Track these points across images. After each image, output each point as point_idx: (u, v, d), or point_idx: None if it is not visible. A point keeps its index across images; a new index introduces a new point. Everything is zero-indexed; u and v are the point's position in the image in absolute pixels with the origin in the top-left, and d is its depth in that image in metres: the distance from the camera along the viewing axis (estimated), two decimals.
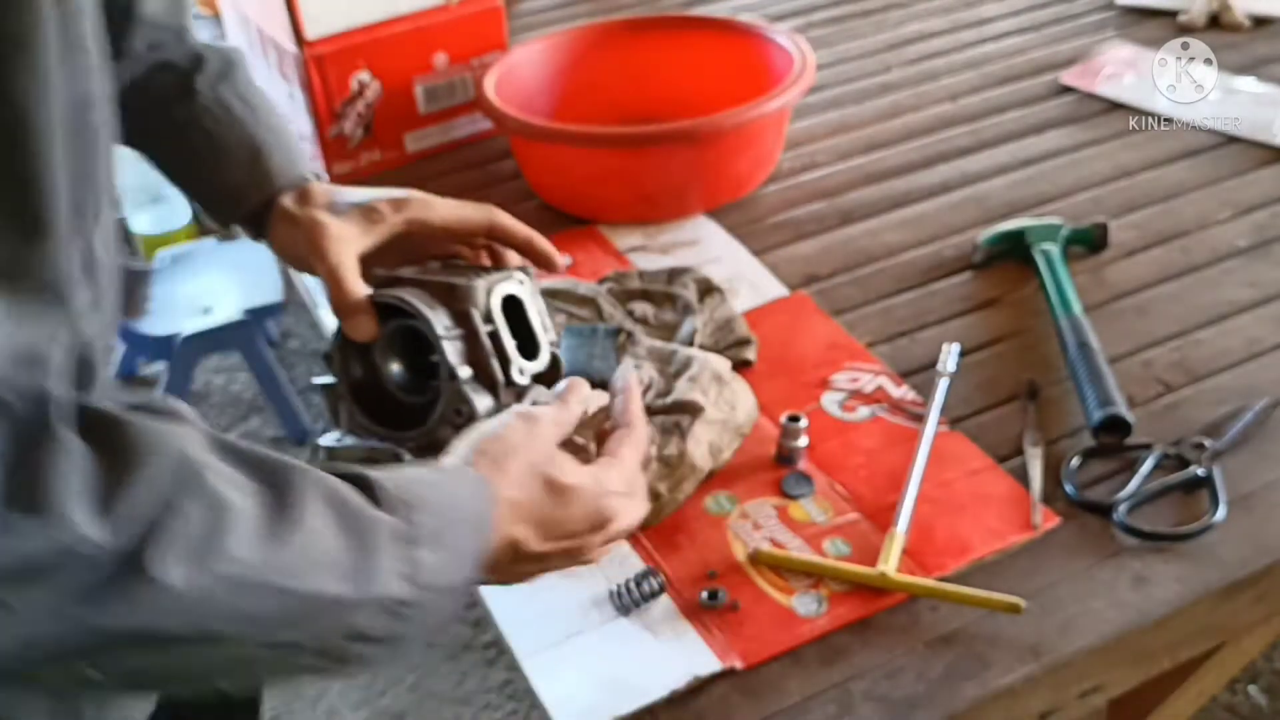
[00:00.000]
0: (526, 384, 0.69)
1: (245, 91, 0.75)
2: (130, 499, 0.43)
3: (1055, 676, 0.72)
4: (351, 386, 0.71)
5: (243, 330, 2.07)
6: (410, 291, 0.68)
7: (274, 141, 0.75)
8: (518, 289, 0.71)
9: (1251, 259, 1.06)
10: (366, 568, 0.50)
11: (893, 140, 1.29)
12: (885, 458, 0.86)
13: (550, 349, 0.72)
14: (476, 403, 0.66)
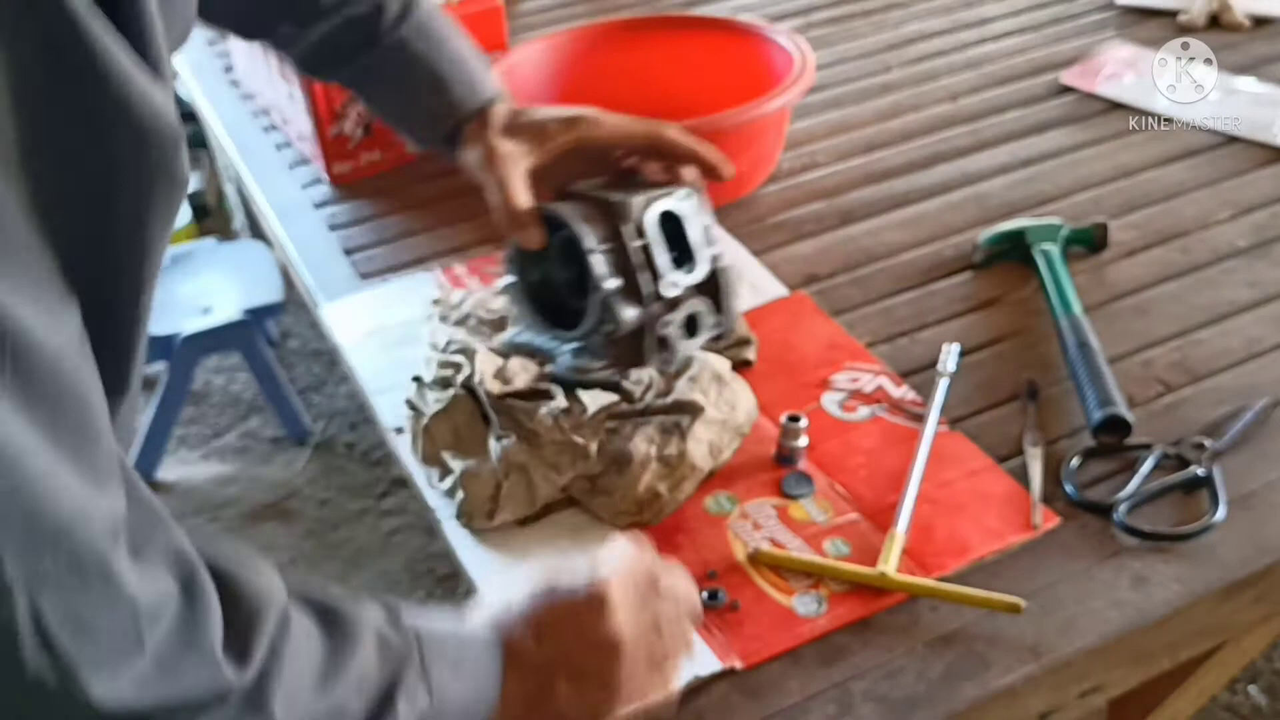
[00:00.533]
0: (679, 294, 0.74)
1: (426, 27, 0.79)
2: (257, 648, 0.49)
3: (1055, 676, 0.72)
4: (527, 288, 0.80)
5: (242, 330, 2.07)
6: (571, 206, 0.74)
7: (453, 74, 0.80)
8: (678, 205, 0.74)
9: (1251, 259, 1.06)
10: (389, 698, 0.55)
11: (893, 140, 1.29)
12: (885, 458, 0.86)
13: (711, 263, 0.75)
14: (621, 312, 0.73)
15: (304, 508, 2.04)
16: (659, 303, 0.74)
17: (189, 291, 2.15)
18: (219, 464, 2.16)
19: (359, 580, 1.88)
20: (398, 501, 2.03)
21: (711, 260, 0.76)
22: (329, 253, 1.17)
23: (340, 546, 1.95)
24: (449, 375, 0.90)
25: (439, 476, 0.86)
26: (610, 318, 0.73)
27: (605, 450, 0.83)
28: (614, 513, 0.82)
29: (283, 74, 1.29)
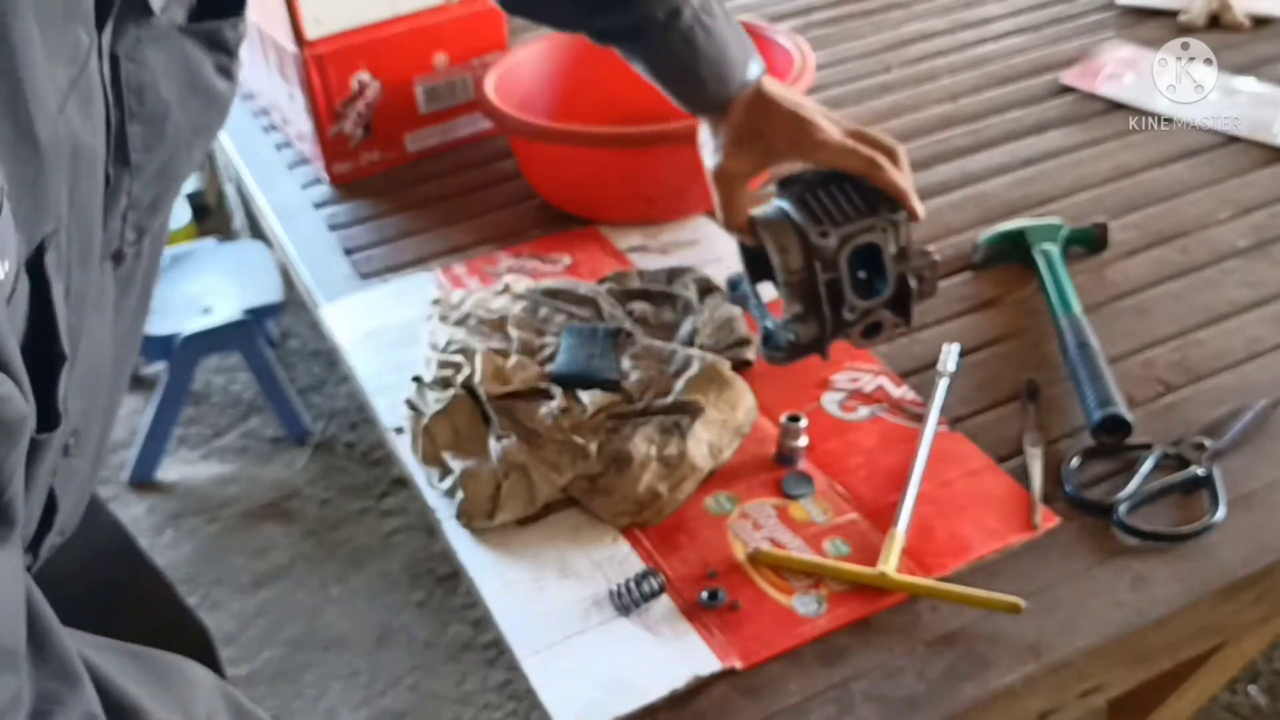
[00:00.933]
0: (855, 319, 0.82)
1: (710, 19, 0.87)
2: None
3: (1055, 676, 0.72)
4: (750, 259, 0.89)
5: (242, 330, 2.07)
6: (774, 230, 0.82)
7: (713, 71, 0.87)
8: (879, 237, 0.81)
9: (1251, 259, 1.06)
10: None
11: None
12: (885, 458, 0.86)
13: (897, 280, 0.82)
14: (802, 330, 0.82)
15: (304, 508, 2.04)
16: (841, 322, 0.82)
17: (189, 291, 2.15)
18: (219, 464, 2.16)
19: (359, 580, 1.88)
20: (398, 501, 2.03)
21: (899, 279, 0.82)
22: (329, 253, 1.17)
23: (340, 546, 1.95)
24: (449, 375, 0.90)
25: (439, 476, 0.86)
26: (791, 333, 0.83)
27: (605, 450, 0.83)
28: (614, 513, 0.82)
29: (283, 74, 1.29)
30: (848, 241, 0.80)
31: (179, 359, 2.06)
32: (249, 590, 1.89)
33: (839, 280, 0.81)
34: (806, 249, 0.81)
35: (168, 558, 1.96)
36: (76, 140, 0.48)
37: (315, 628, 1.82)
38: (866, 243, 0.81)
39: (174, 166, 0.60)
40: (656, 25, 0.86)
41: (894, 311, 0.83)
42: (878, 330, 0.84)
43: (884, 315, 0.83)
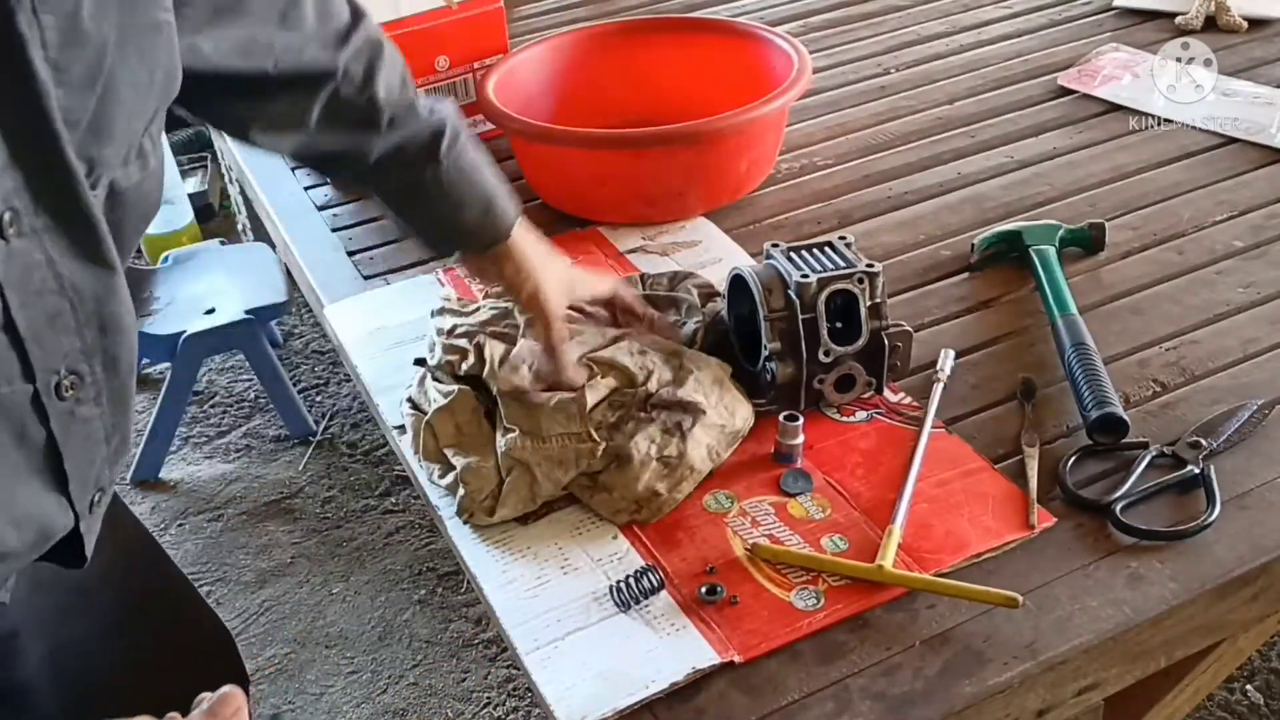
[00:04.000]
0: (831, 361, 0.87)
1: (472, 155, 0.88)
2: None
3: (1052, 674, 0.72)
4: (736, 317, 0.95)
5: (246, 330, 2.07)
6: (761, 275, 0.89)
7: (497, 195, 0.88)
8: (855, 287, 0.87)
9: (1247, 260, 1.06)
10: None
11: (890, 142, 1.30)
12: (883, 458, 0.86)
13: (870, 333, 0.87)
14: (779, 369, 0.87)
15: (307, 506, 2.05)
16: (814, 364, 0.87)
17: (193, 292, 2.15)
18: (223, 463, 2.16)
19: (361, 578, 1.89)
20: (400, 500, 2.03)
21: (872, 333, 0.88)
22: (332, 254, 1.18)
23: (343, 544, 1.96)
24: (454, 360, 0.91)
25: (440, 473, 0.87)
26: (770, 370, 0.88)
27: (607, 448, 0.84)
28: (613, 510, 0.83)
29: None
30: (825, 286, 0.87)
31: (183, 358, 2.06)
32: (252, 588, 1.90)
33: (816, 321, 0.87)
34: (788, 291, 0.88)
35: (171, 556, 1.96)
36: None
37: (318, 625, 1.82)
38: (843, 289, 0.87)
39: (108, 76, 0.56)
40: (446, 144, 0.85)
41: (866, 369, 0.88)
42: (851, 384, 0.89)
43: (857, 369, 0.88)
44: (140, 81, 0.60)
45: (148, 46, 0.60)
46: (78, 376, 0.61)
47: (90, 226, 0.59)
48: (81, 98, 0.55)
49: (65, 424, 0.61)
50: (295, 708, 1.71)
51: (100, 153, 0.58)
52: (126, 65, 0.58)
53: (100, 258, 0.60)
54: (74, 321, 0.60)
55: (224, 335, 2.07)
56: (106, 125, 0.58)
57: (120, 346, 0.64)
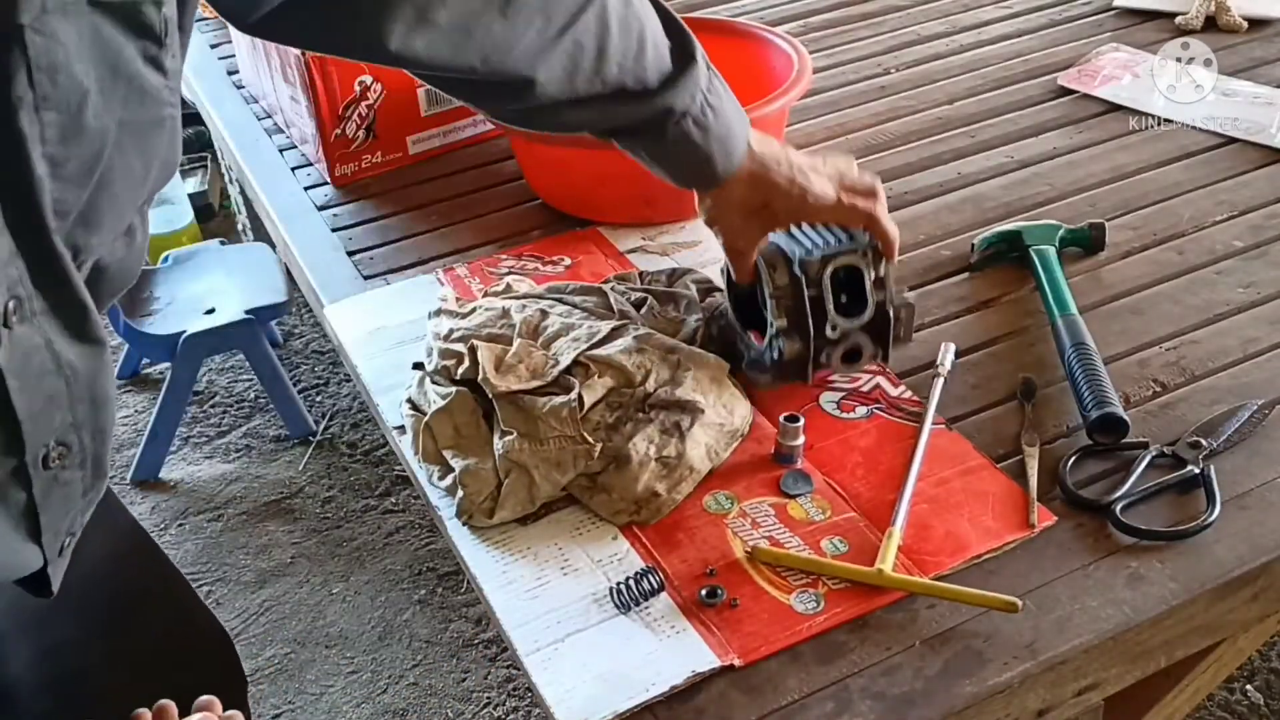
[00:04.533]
0: (838, 336, 0.87)
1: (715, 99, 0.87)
2: None
3: (1052, 674, 0.72)
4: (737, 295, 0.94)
5: (246, 330, 2.07)
6: (766, 254, 0.89)
7: (718, 152, 0.87)
8: (860, 261, 0.87)
9: (1247, 260, 1.06)
10: None
11: (890, 142, 1.30)
12: (883, 457, 0.86)
13: (875, 306, 0.87)
14: (786, 345, 0.87)
15: (307, 506, 2.05)
16: (821, 339, 0.87)
17: (193, 292, 2.15)
18: (223, 463, 2.16)
19: (361, 578, 1.89)
20: (400, 500, 2.03)
21: (878, 306, 0.87)
22: (332, 254, 1.18)
23: (343, 544, 1.96)
24: (450, 365, 0.91)
25: (439, 474, 0.87)
26: (777, 346, 0.87)
27: (605, 449, 0.84)
28: (612, 510, 0.83)
29: (286, 77, 1.30)
30: (829, 261, 0.86)
31: (182, 358, 2.06)
32: (252, 588, 1.90)
33: (822, 297, 0.86)
34: (792, 269, 0.87)
35: (171, 556, 1.96)
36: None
37: (317, 625, 1.82)
38: (847, 265, 0.87)
39: (104, 170, 0.56)
40: (672, 117, 0.84)
41: (873, 340, 0.88)
42: (857, 356, 0.89)
43: (863, 340, 0.88)
44: (135, 173, 0.59)
45: (148, 141, 0.59)
46: (65, 448, 0.61)
47: (82, 307, 0.58)
48: (75, 191, 0.55)
49: (47, 489, 0.62)
50: (295, 708, 1.71)
51: (87, 240, 0.58)
52: (123, 159, 0.57)
53: (92, 336, 0.60)
54: (68, 399, 0.60)
55: (224, 335, 2.07)
56: (96, 215, 0.57)
57: (106, 418, 0.64)
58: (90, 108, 0.53)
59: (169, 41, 0.57)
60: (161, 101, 0.58)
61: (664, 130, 0.84)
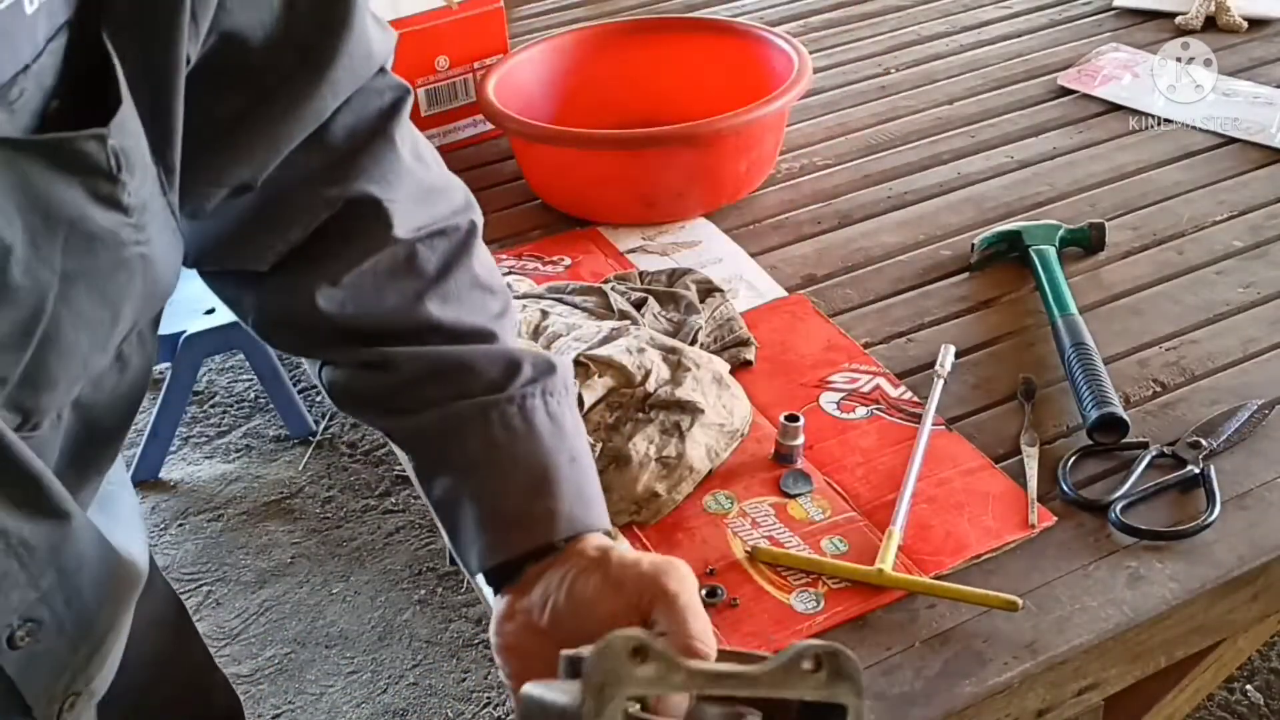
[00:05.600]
0: None
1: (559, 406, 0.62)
2: None
3: (1052, 674, 0.72)
4: None
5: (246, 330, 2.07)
6: None
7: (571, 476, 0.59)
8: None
9: (1247, 260, 1.06)
10: None
11: (890, 142, 1.30)
12: (883, 457, 0.86)
13: None
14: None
15: (307, 506, 2.05)
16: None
17: (192, 292, 2.15)
18: (223, 463, 2.16)
19: (361, 578, 1.89)
20: (400, 500, 2.04)
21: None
22: None
23: (343, 544, 1.96)
24: None
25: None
26: None
27: (605, 449, 0.84)
28: (613, 511, 0.82)
29: None
30: None
31: (182, 358, 2.06)
32: (252, 588, 1.90)
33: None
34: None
35: (171, 556, 1.97)
36: None
37: (318, 625, 1.83)
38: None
39: (46, 328, 0.47)
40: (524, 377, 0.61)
41: None
42: None
43: None
44: (96, 321, 0.50)
45: (108, 287, 0.50)
46: (35, 624, 0.54)
47: (33, 480, 0.50)
48: (10, 355, 0.47)
49: (23, 665, 0.55)
50: (295, 708, 1.71)
51: (38, 401, 0.50)
52: (73, 311, 0.48)
53: (48, 509, 0.52)
54: (25, 576, 0.53)
55: (224, 335, 2.07)
56: (45, 375, 0.49)
57: (84, 581, 0.57)
58: (16, 264, 0.44)
59: (124, 176, 0.48)
60: (121, 243, 0.49)
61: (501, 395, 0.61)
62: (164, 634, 0.82)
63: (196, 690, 0.89)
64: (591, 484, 0.61)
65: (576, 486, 0.59)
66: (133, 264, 0.50)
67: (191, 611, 1.85)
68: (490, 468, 0.59)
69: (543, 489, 0.58)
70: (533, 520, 0.58)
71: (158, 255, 0.52)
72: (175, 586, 0.97)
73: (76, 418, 0.55)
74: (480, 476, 0.59)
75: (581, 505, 0.59)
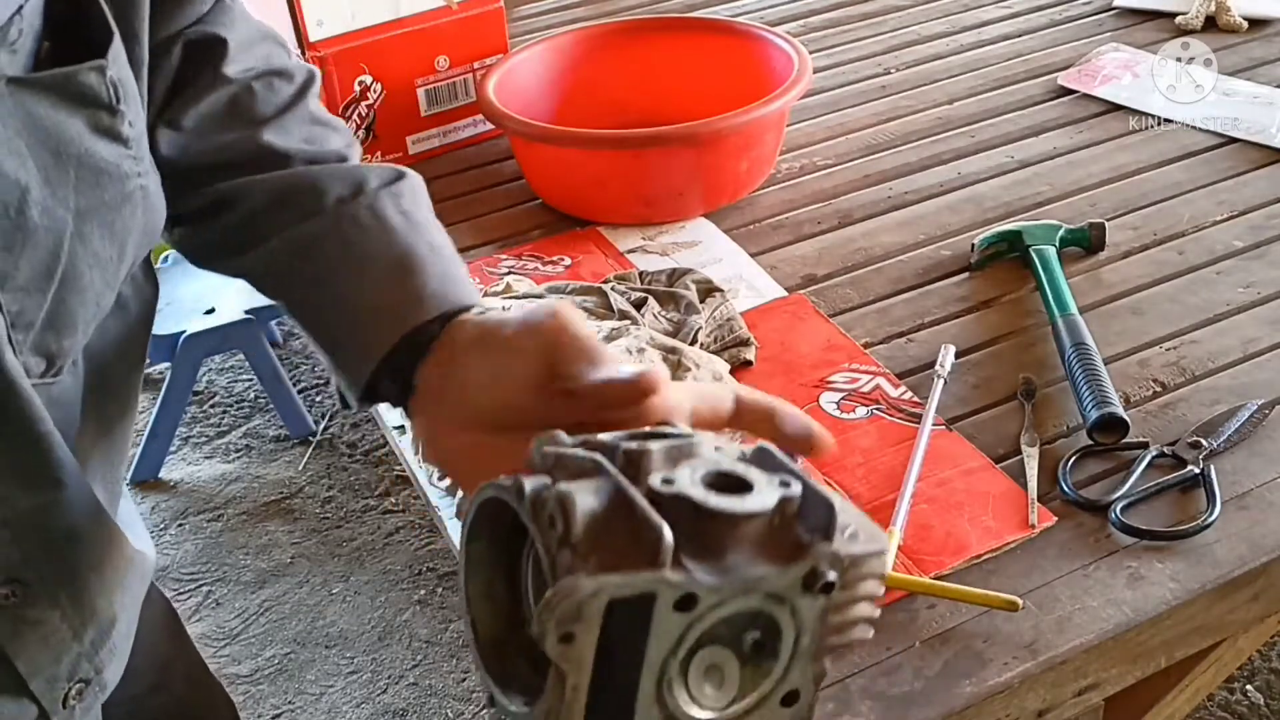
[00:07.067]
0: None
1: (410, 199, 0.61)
2: None
3: (1052, 675, 0.72)
4: None
5: (246, 330, 2.07)
6: None
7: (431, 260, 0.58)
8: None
9: (1248, 259, 1.06)
10: None
11: (890, 142, 1.30)
12: (883, 457, 0.86)
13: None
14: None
15: (307, 506, 2.05)
16: None
17: (192, 292, 2.15)
18: (223, 463, 2.16)
19: (361, 578, 1.89)
20: (400, 500, 2.04)
21: None
22: None
23: (343, 544, 1.96)
24: None
25: (439, 474, 0.87)
26: None
27: None
28: None
29: None
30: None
31: (182, 358, 2.07)
32: (252, 588, 1.90)
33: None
34: None
35: (171, 556, 1.97)
36: None
37: (317, 625, 1.82)
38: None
39: (65, 268, 0.48)
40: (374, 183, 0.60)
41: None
42: None
43: None
44: (107, 259, 0.51)
45: (116, 222, 0.50)
46: (20, 584, 0.54)
47: (28, 438, 0.50)
48: (34, 298, 0.47)
49: (12, 630, 0.54)
50: (295, 708, 1.71)
51: (60, 344, 0.50)
52: (88, 248, 0.49)
53: (40, 473, 0.51)
54: (10, 536, 0.52)
55: (224, 335, 2.07)
56: (67, 316, 0.49)
57: (78, 554, 0.56)
58: (34, 205, 0.45)
59: (124, 106, 0.49)
60: (124, 175, 0.50)
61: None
62: (161, 641, 0.82)
63: (194, 698, 0.90)
64: (457, 267, 0.59)
65: (440, 269, 0.57)
66: (135, 197, 0.51)
67: (191, 611, 1.85)
68: (348, 266, 0.57)
69: (405, 272, 0.56)
70: (401, 304, 0.55)
71: (153, 187, 0.53)
72: (175, 586, 0.97)
73: (90, 368, 0.54)
74: (339, 278, 0.58)
75: (450, 283, 0.57)
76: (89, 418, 0.56)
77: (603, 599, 0.35)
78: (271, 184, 0.60)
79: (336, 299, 0.58)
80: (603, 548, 0.36)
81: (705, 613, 0.37)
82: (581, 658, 0.36)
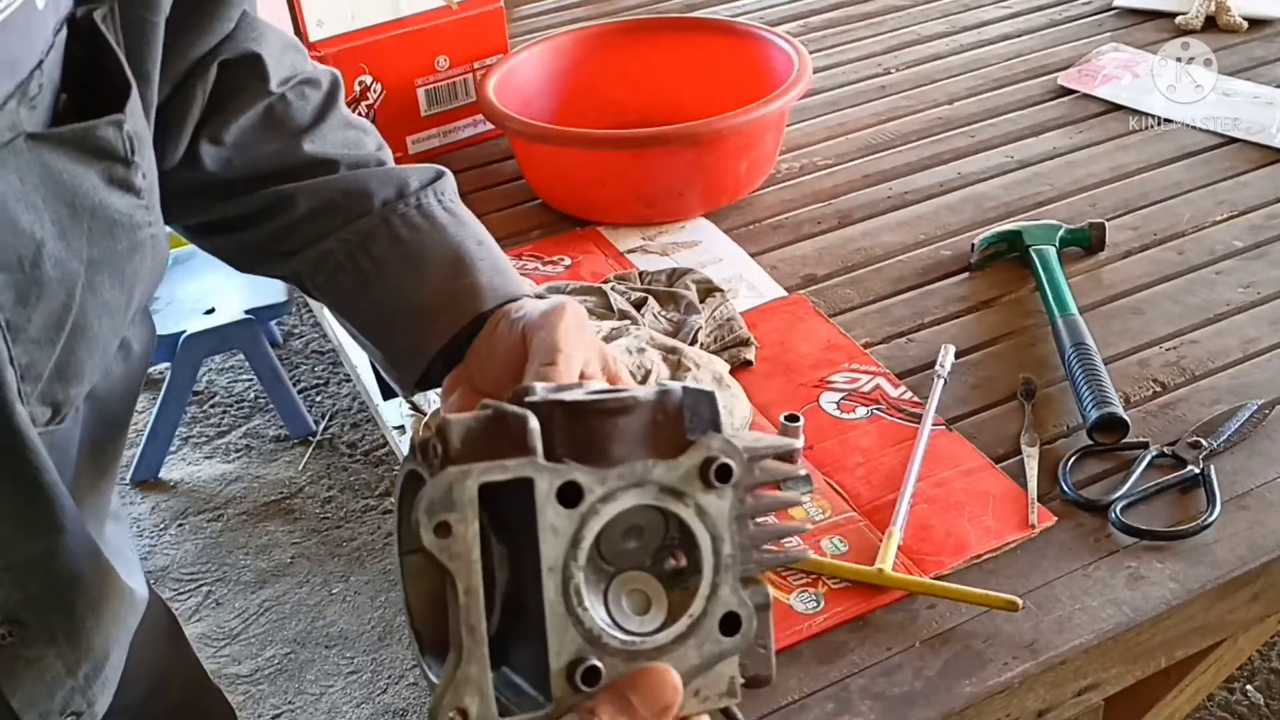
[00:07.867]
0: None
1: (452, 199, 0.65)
2: None
3: (1052, 675, 0.72)
4: None
5: (246, 330, 2.08)
6: None
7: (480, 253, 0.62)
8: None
9: (1248, 260, 1.06)
10: None
11: (890, 142, 1.30)
12: (883, 457, 0.86)
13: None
14: None
15: (307, 506, 2.05)
16: None
17: (192, 292, 2.16)
18: (223, 463, 2.16)
19: (361, 578, 1.89)
20: None
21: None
22: None
23: (343, 544, 1.96)
24: None
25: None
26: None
27: None
28: None
29: None
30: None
31: (182, 359, 2.07)
32: (252, 588, 1.90)
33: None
34: None
35: (171, 556, 1.97)
36: None
37: (318, 625, 1.83)
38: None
39: (75, 318, 0.48)
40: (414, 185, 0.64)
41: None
42: None
43: None
44: (116, 307, 0.51)
45: (126, 271, 0.50)
46: (18, 625, 0.54)
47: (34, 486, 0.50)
48: (44, 350, 0.47)
49: (8, 667, 0.55)
50: (295, 708, 1.71)
51: (67, 394, 0.50)
52: (98, 298, 0.49)
53: (43, 519, 0.51)
54: (11, 579, 0.52)
55: (224, 335, 2.08)
56: (75, 366, 0.49)
57: (75, 596, 0.56)
58: (48, 258, 0.45)
59: (138, 158, 0.49)
60: (136, 225, 0.50)
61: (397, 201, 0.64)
62: (159, 647, 0.82)
63: (193, 704, 0.90)
64: (503, 259, 0.64)
65: (490, 262, 0.62)
66: (145, 246, 0.51)
67: (191, 612, 1.85)
68: (402, 264, 0.61)
69: (459, 269, 0.60)
70: (457, 299, 0.59)
71: (161, 235, 0.53)
72: (175, 587, 0.97)
73: (90, 409, 0.55)
74: (394, 275, 0.61)
75: (501, 277, 0.61)
76: (85, 456, 0.57)
77: (472, 483, 0.35)
78: (318, 189, 0.63)
79: (392, 297, 0.61)
80: (479, 452, 0.36)
81: (596, 506, 0.36)
82: (465, 553, 0.35)
